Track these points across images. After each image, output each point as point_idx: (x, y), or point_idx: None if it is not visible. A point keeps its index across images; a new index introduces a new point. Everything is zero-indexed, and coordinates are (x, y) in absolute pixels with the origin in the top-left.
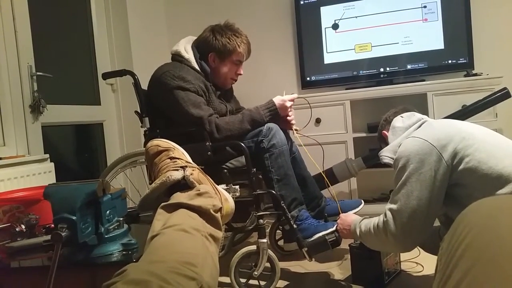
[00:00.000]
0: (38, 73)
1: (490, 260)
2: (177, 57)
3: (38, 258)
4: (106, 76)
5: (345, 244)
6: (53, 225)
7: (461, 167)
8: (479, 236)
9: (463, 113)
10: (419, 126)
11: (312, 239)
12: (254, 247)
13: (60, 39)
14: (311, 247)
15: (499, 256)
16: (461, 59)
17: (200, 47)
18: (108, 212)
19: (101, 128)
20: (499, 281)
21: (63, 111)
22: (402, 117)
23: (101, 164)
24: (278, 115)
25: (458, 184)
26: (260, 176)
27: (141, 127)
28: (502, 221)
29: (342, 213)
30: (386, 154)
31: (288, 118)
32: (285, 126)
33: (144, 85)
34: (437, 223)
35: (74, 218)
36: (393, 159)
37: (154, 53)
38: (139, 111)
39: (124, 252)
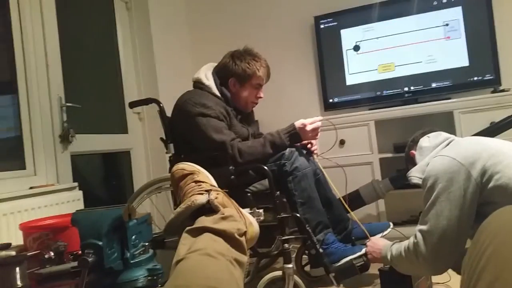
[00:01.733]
0: (67, 104)
1: None
2: (198, 84)
3: (66, 285)
4: (132, 105)
5: (374, 268)
6: (80, 252)
7: (491, 184)
8: (502, 245)
9: (492, 130)
10: (447, 145)
11: (340, 263)
12: (279, 272)
13: (89, 71)
14: (339, 272)
15: None
16: (487, 76)
17: (220, 73)
18: (133, 237)
19: (128, 155)
20: None
21: (92, 140)
22: (428, 137)
23: (128, 191)
24: (299, 139)
25: (489, 202)
26: (285, 200)
27: (166, 153)
28: None
29: (370, 236)
30: (415, 175)
31: (308, 146)
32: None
33: (169, 112)
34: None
35: (100, 243)
36: (421, 179)
37: (179, 81)
38: (164, 137)
39: (149, 278)
